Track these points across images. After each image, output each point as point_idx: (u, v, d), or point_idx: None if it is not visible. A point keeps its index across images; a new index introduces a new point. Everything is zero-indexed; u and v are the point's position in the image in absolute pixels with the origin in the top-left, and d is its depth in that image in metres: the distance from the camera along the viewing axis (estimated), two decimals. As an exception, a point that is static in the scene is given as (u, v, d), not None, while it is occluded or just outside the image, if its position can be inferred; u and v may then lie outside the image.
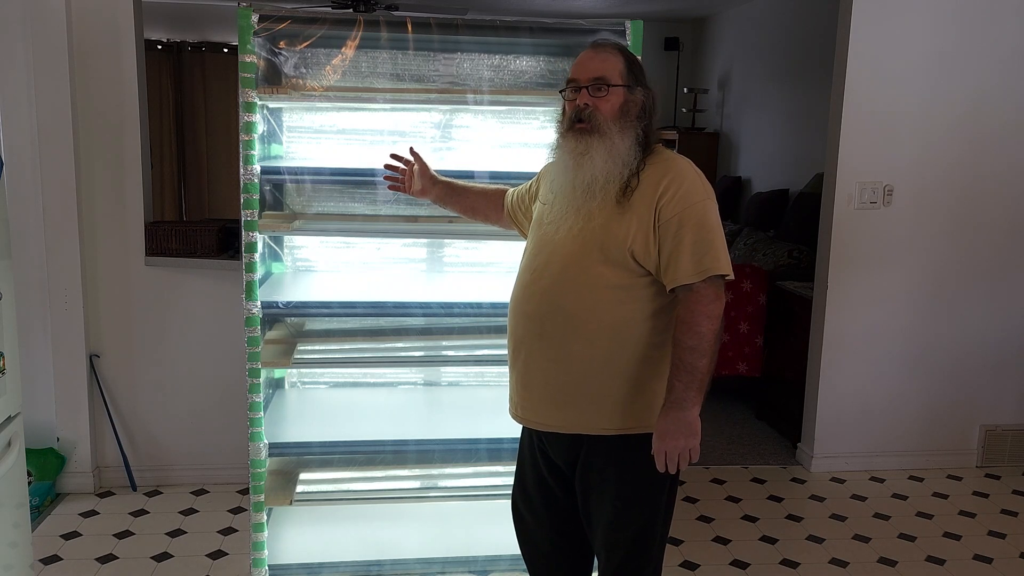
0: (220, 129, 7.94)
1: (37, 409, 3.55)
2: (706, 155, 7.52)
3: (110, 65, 3.47)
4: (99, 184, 3.54)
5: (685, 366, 1.93)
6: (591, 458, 2.08)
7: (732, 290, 4.61)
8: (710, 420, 4.72)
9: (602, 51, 2.05)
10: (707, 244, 1.94)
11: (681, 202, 1.95)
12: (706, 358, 1.94)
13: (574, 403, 2.04)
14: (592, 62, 2.03)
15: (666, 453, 1.95)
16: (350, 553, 2.95)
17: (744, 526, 3.54)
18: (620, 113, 2.01)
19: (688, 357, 1.93)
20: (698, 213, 1.95)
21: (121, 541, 3.28)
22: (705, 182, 2.01)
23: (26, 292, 3.45)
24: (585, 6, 7.13)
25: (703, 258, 1.94)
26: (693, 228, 1.94)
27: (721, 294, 1.97)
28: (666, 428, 1.95)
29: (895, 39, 3.81)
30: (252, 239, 2.66)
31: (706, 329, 1.93)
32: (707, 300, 1.94)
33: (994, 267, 4.05)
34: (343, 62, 2.75)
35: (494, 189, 2.52)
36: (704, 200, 1.97)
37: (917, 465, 4.14)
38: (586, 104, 2.01)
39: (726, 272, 1.96)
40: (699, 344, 1.93)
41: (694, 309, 1.93)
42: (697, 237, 1.94)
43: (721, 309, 1.97)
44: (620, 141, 1.98)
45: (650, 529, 2.09)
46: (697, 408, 1.96)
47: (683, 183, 1.97)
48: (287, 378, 3.21)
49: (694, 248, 1.94)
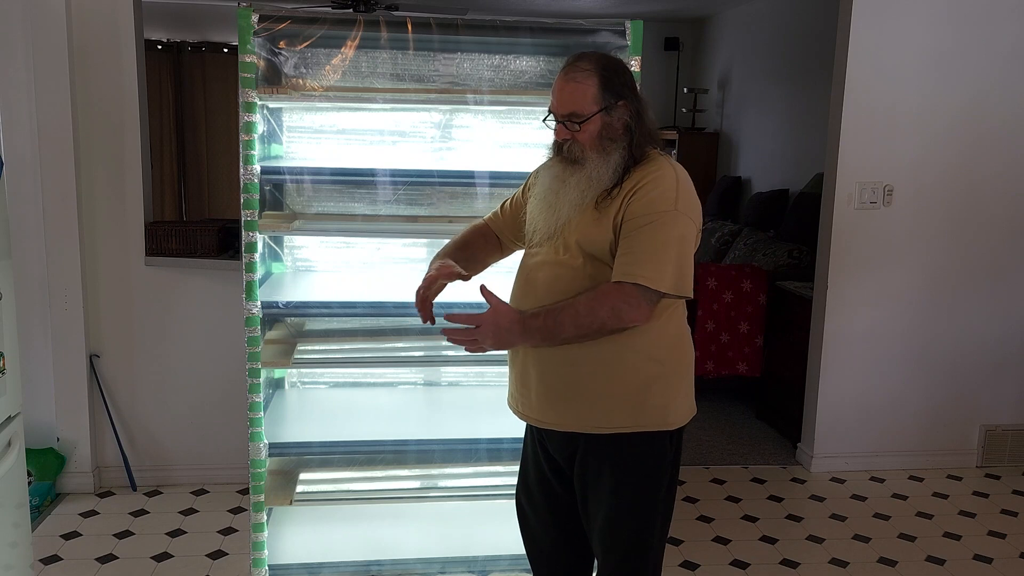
0: (220, 129, 7.95)
1: (37, 409, 3.55)
2: (706, 155, 7.52)
3: (110, 65, 3.47)
4: (99, 184, 3.54)
5: (558, 318, 1.92)
6: (588, 457, 2.08)
7: (732, 290, 4.61)
8: (710, 420, 4.72)
9: (573, 77, 1.99)
10: (652, 255, 1.90)
11: (646, 206, 1.92)
12: (575, 332, 1.93)
13: (569, 401, 2.05)
14: (563, 93, 1.99)
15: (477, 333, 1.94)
16: (350, 553, 2.95)
17: (744, 526, 3.54)
18: (600, 138, 1.99)
19: (567, 317, 1.92)
20: (656, 221, 1.91)
21: (121, 541, 3.28)
22: (683, 196, 1.96)
23: (26, 292, 3.45)
24: (585, 6, 7.13)
25: (644, 267, 1.90)
26: (645, 235, 1.91)
27: (643, 307, 1.91)
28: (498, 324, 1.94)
29: (895, 39, 3.81)
30: (252, 239, 2.66)
31: (602, 317, 1.90)
32: (626, 300, 1.90)
33: (994, 267, 4.05)
34: (343, 62, 2.76)
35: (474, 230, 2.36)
36: (670, 211, 1.92)
37: (917, 465, 4.14)
38: (565, 139, 2.02)
39: (663, 289, 1.91)
40: (585, 321, 1.91)
41: (609, 295, 1.91)
42: (645, 245, 1.91)
43: (634, 318, 1.92)
44: (602, 166, 1.99)
45: (648, 529, 2.09)
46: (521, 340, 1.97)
47: (655, 189, 1.94)
48: (287, 378, 3.21)
49: (638, 254, 1.91)
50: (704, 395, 4.43)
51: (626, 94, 2.01)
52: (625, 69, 2.05)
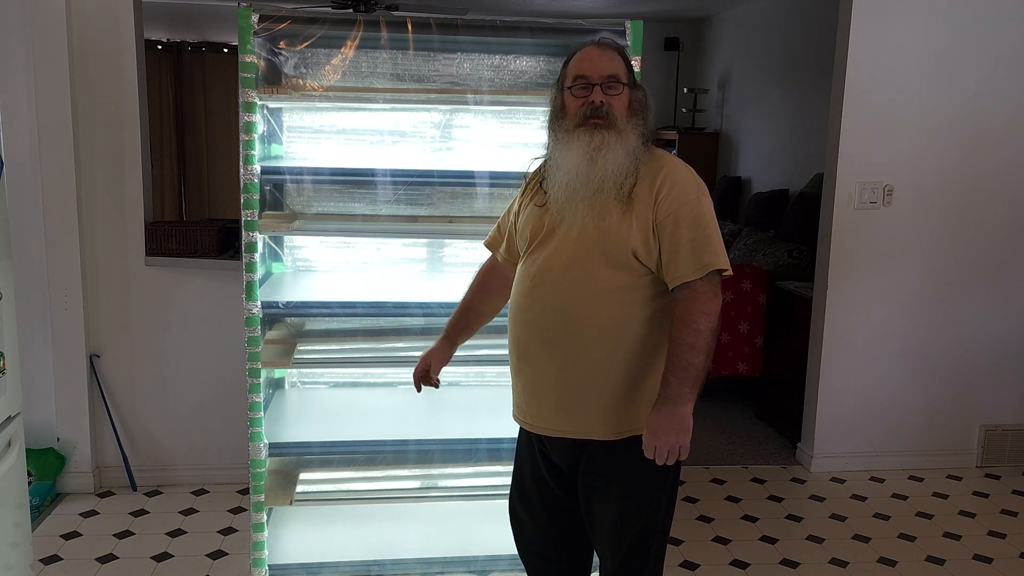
0: (220, 129, 7.95)
1: (37, 409, 3.55)
2: (706, 155, 7.52)
3: (110, 65, 3.47)
4: (99, 184, 3.54)
5: (681, 363, 1.94)
6: (595, 461, 2.08)
7: (732, 290, 4.61)
8: (710, 420, 4.72)
9: (608, 50, 2.06)
10: (704, 240, 1.96)
11: (677, 200, 1.97)
12: (702, 355, 1.95)
13: (581, 408, 2.04)
14: (602, 60, 2.03)
15: (656, 448, 1.95)
16: (350, 553, 2.95)
17: (744, 526, 3.54)
18: (629, 111, 2.04)
19: (685, 354, 1.94)
20: (693, 210, 1.97)
21: (121, 541, 3.28)
22: (697, 179, 2.04)
23: (26, 292, 3.45)
24: (585, 6, 7.13)
25: (702, 254, 1.95)
26: (689, 225, 1.96)
27: (718, 291, 1.98)
28: (659, 424, 1.95)
29: (895, 39, 3.81)
30: (252, 239, 2.66)
31: (703, 326, 1.94)
32: (704, 297, 1.95)
33: (994, 267, 4.05)
34: (343, 62, 2.76)
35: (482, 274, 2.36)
36: (698, 197, 2.00)
37: (917, 465, 4.14)
38: (602, 101, 2.01)
39: (724, 267, 1.98)
40: (696, 341, 1.94)
41: (692, 307, 1.95)
42: (694, 234, 1.96)
43: (718, 306, 1.98)
44: (633, 137, 2.02)
45: (651, 528, 2.10)
46: (690, 405, 1.96)
47: (677, 181, 2.00)
48: (287, 378, 3.21)
49: (692, 245, 1.96)
50: (704, 395, 4.43)
51: (638, 83, 2.11)
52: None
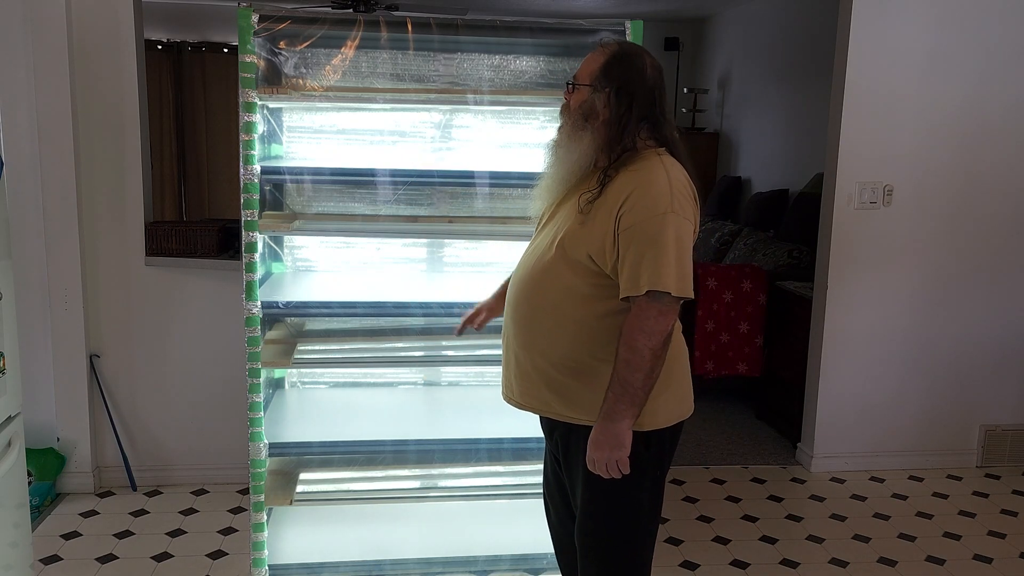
0: (220, 129, 7.95)
1: (37, 409, 3.55)
2: (706, 155, 7.52)
3: (110, 65, 3.47)
4: (99, 184, 3.54)
5: (619, 378, 1.91)
6: (566, 444, 2.11)
7: (732, 290, 4.61)
8: (710, 420, 4.73)
9: (594, 51, 2.07)
10: (654, 259, 1.88)
11: (641, 213, 1.91)
12: (640, 373, 1.89)
13: (539, 388, 2.08)
14: (583, 61, 2.07)
15: (595, 461, 1.96)
16: (350, 553, 2.95)
17: (744, 526, 3.54)
18: (578, 112, 2.04)
19: (622, 370, 1.90)
20: (654, 227, 1.90)
21: (121, 541, 3.28)
22: (677, 195, 1.94)
23: (26, 292, 3.45)
24: (585, 6, 7.13)
25: (646, 273, 1.89)
26: (644, 242, 1.90)
27: (667, 311, 1.90)
28: (595, 437, 1.95)
29: (894, 39, 3.81)
30: (252, 239, 2.66)
31: (641, 344, 1.88)
32: (646, 315, 1.89)
33: (995, 267, 4.05)
34: (343, 62, 2.76)
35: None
36: (665, 214, 1.90)
37: (917, 465, 4.14)
38: (566, 102, 2.09)
39: (668, 289, 1.88)
40: (632, 358, 1.89)
41: (633, 323, 1.91)
42: (644, 251, 1.89)
43: (664, 326, 1.90)
44: (587, 138, 2.02)
45: (628, 529, 2.07)
46: (628, 421, 1.92)
47: (647, 194, 1.93)
48: (287, 378, 3.21)
49: (640, 262, 1.90)
50: (704, 395, 4.44)
51: (622, 88, 1.99)
52: (635, 68, 2.01)
